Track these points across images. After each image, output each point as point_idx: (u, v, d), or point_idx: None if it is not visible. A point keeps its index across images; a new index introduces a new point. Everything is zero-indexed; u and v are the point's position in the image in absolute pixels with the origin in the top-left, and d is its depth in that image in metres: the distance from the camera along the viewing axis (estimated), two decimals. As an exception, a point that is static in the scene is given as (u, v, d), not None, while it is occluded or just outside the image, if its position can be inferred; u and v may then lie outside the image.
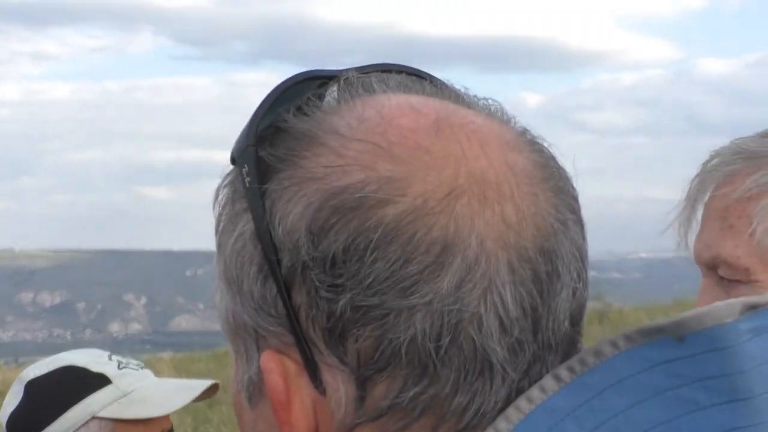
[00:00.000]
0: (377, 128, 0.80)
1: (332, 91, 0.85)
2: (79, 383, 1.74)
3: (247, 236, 0.80)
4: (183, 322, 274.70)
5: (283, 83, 0.84)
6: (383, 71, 0.87)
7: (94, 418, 1.68)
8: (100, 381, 1.74)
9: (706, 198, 1.71)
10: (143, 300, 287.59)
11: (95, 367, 1.77)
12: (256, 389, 0.83)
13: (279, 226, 0.78)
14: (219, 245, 0.83)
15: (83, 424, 1.67)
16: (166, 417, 1.83)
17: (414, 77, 0.88)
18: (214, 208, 0.85)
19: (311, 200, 0.77)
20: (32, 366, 1.88)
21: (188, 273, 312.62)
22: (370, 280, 0.75)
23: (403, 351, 0.76)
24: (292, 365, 0.79)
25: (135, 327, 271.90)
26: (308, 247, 0.76)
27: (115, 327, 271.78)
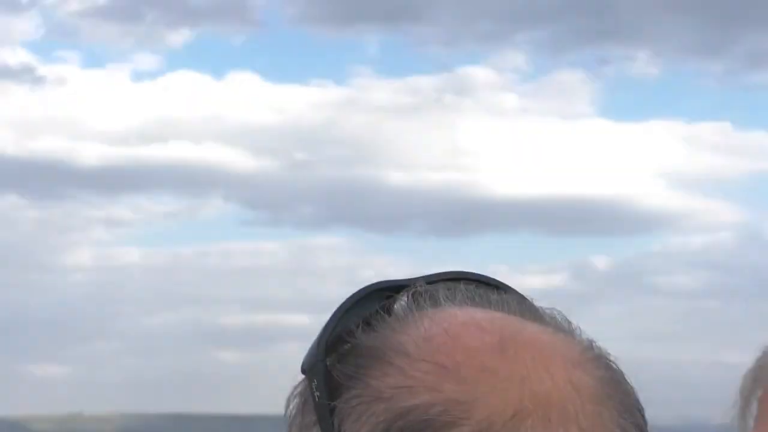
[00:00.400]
0: (443, 347, 0.81)
1: (400, 305, 0.86)
2: None
3: None
4: None
5: (352, 296, 0.86)
6: (451, 279, 0.89)
7: None
8: None
9: (760, 393, 1.75)
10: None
11: None
12: None
13: None
14: None
15: None
16: None
17: (481, 286, 0.89)
18: (285, 414, 0.87)
19: (378, 420, 0.78)
20: None
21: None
22: None
23: None
24: None
25: None
26: None
27: None
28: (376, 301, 0.86)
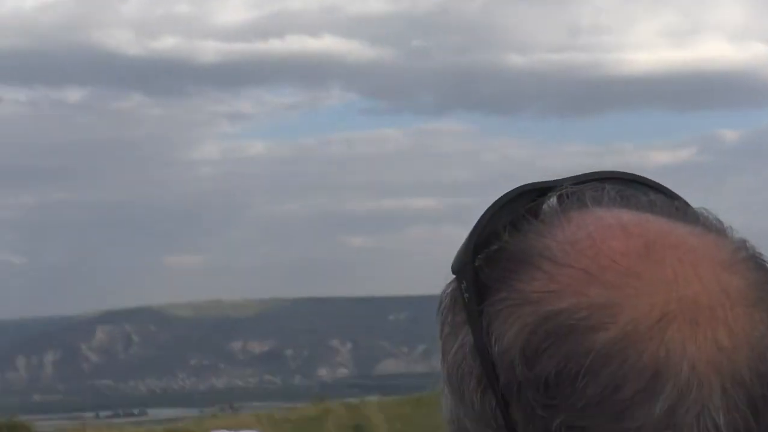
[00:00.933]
0: (588, 252, 0.81)
1: (547, 207, 0.86)
2: None
3: (467, 349, 0.82)
4: (388, 366, 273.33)
5: (500, 198, 0.85)
6: (599, 180, 0.88)
7: None
8: None
9: None
10: (348, 345, 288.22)
11: None
12: None
13: (495, 344, 0.80)
14: (443, 351, 0.86)
15: None
16: None
17: (630, 185, 0.88)
18: (438, 314, 0.88)
19: (525, 323, 0.79)
20: None
21: (391, 318, 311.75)
22: (582, 404, 0.76)
23: None
24: None
25: (342, 372, 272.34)
26: (522, 368, 0.78)
27: (322, 372, 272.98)
28: (522, 203, 0.86)
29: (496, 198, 0.84)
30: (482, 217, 0.85)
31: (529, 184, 0.87)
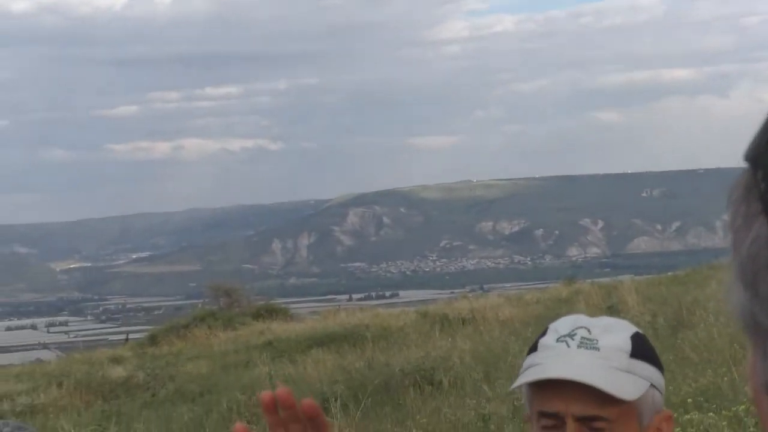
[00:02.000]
0: None
1: None
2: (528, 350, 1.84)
3: (762, 241, 0.78)
4: (641, 245, 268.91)
5: None
6: None
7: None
8: (530, 348, 1.85)
9: None
10: (600, 224, 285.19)
11: (542, 338, 1.86)
12: None
13: None
14: (734, 243, 0.81)
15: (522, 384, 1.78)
16: None
17: None
18: (728, 204, 0.82)
19: None
20: None
21: (644, 194, 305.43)
22: None
23: None
24: None
25: (593, 251, 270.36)
26: None
27: (573, 251, 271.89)
28: None
29: None
30: None
31: None
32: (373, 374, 12.23)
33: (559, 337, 1.82)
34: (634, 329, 1.85)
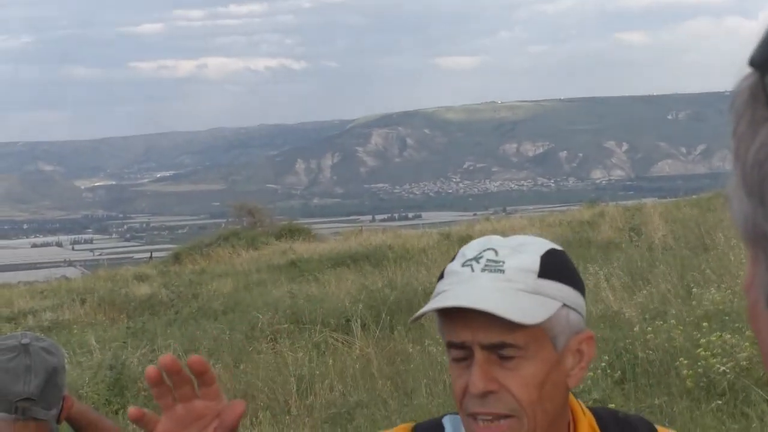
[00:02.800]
0: None
1: None
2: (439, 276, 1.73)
3: None
4: (665, 167, 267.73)
5: None
6: None
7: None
8: (441, 275, 1.74)
9: None
10: (625, 146, 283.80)
11: (451, 264, 1.73)
12: None
13: None
14: (737, 150, 0.78)
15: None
16: None
17: None
18: (731, 110, 0.79)
19: None
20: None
21: (669, 117, 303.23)
22: None
23: None
24: None
25: (617, 173, 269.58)
26: None
27: (597, 174, 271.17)
28: None
29: None
30: None
31: None
32: (394, 294, 12.31)
33: (464, 261, 1.71)
34: (548, 246, 1.72)
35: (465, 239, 20.18)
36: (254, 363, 9.95)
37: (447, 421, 1.81)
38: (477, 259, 1.69)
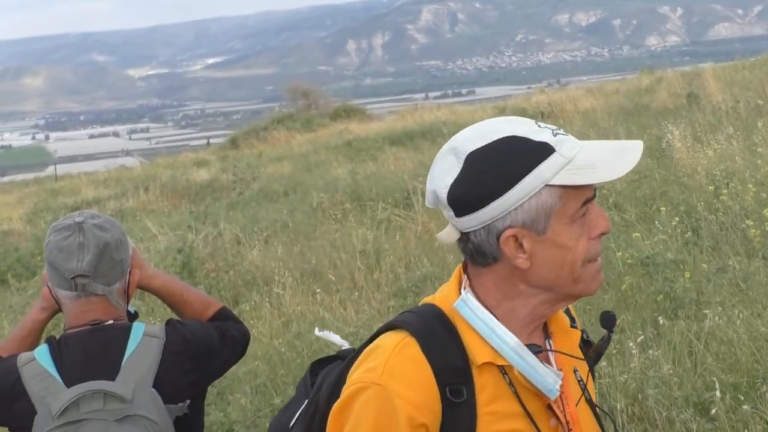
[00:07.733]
0: None
1: None
2: (524, 154, 1.65)
3: None
4: (722, 30, 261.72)
5: None
6: None
7: (546, 186, 1.62)
8: (544, 150, 1.65)
9: None
10: (679, 11, 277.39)
11: (535, 136, 1.66)
12: None
13: None
14: None
15: (535, 194, 1.61)
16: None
17: None
18: None
19: None
20: (463, 138, 1.77)
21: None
22: None
23: None
24: None
25: (672, 39, 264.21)
26: None
27: (652, 41, 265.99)
28: None
29: None
30: None
31: None
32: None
33: (555, 131, 1.71)
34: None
35: (521, 111, 20.02)
36: (319, 240, 10.08)
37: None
38: (554, 130, 1.69)
